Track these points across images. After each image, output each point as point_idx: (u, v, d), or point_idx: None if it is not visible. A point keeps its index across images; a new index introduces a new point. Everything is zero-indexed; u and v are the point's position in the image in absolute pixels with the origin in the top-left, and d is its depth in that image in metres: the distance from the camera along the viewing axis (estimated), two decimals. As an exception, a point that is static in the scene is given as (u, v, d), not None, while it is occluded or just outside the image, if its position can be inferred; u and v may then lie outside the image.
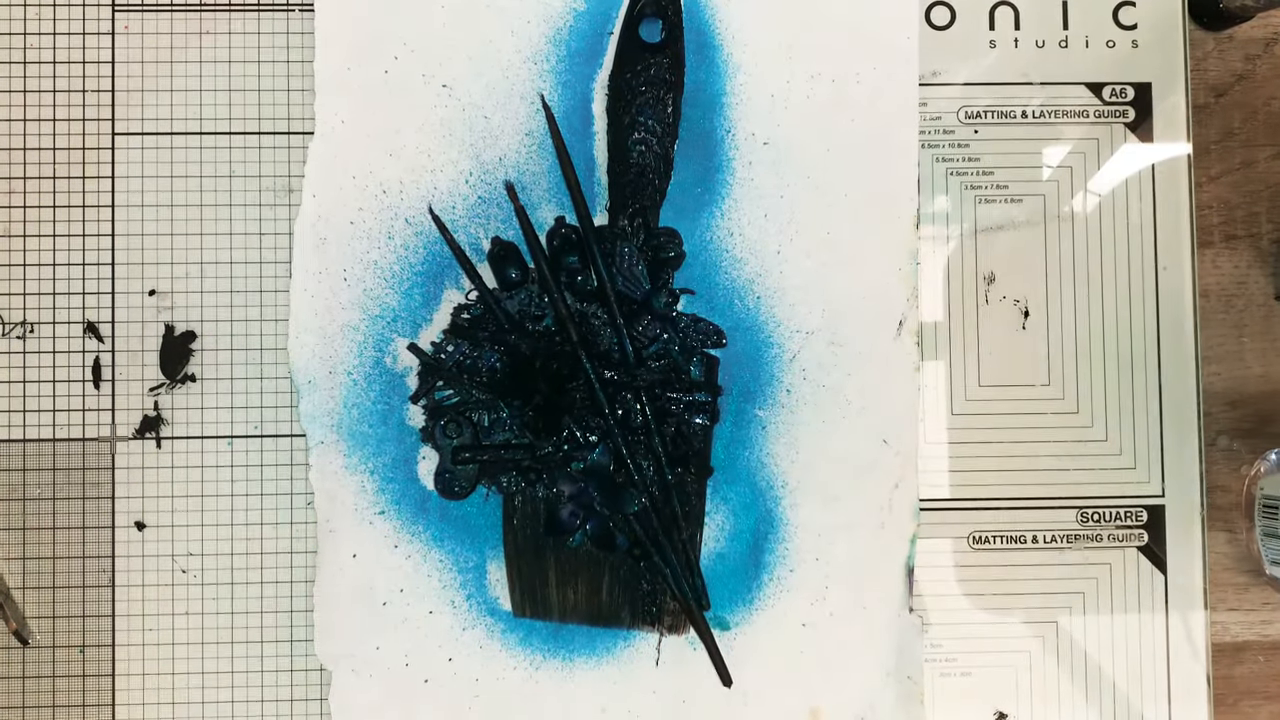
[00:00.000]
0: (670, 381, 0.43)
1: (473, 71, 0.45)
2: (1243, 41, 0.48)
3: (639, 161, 0.45)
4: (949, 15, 0.47)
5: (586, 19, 0.45)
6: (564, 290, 0.43)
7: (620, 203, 0.45)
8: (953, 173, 0.47)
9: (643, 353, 0.43)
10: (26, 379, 0.44)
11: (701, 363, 0.44)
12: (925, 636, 0.45)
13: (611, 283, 0.43)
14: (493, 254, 0.44)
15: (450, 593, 0.44)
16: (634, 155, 0.45)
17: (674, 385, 0.43)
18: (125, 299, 0.45)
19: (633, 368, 0.43)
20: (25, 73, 0.45)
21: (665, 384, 0.43)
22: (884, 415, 0.45)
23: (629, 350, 0.43)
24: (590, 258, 0.43)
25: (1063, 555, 0.46)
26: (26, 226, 0.45)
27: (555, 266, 0.43)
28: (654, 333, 0.43)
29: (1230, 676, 0.47)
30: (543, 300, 0.43)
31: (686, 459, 0.43)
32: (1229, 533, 0.47)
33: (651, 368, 0.43)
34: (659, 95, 0.45)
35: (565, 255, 0.43)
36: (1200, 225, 0.47)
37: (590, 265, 0.43)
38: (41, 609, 0.44)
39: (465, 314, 0.44)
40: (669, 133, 0.45)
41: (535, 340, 0.43)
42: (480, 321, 0.43)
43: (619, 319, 0.43)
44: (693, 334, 0.44)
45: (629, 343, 0.43)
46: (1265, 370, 0.47)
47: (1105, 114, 0.47)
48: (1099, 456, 0.46)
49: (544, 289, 0.43)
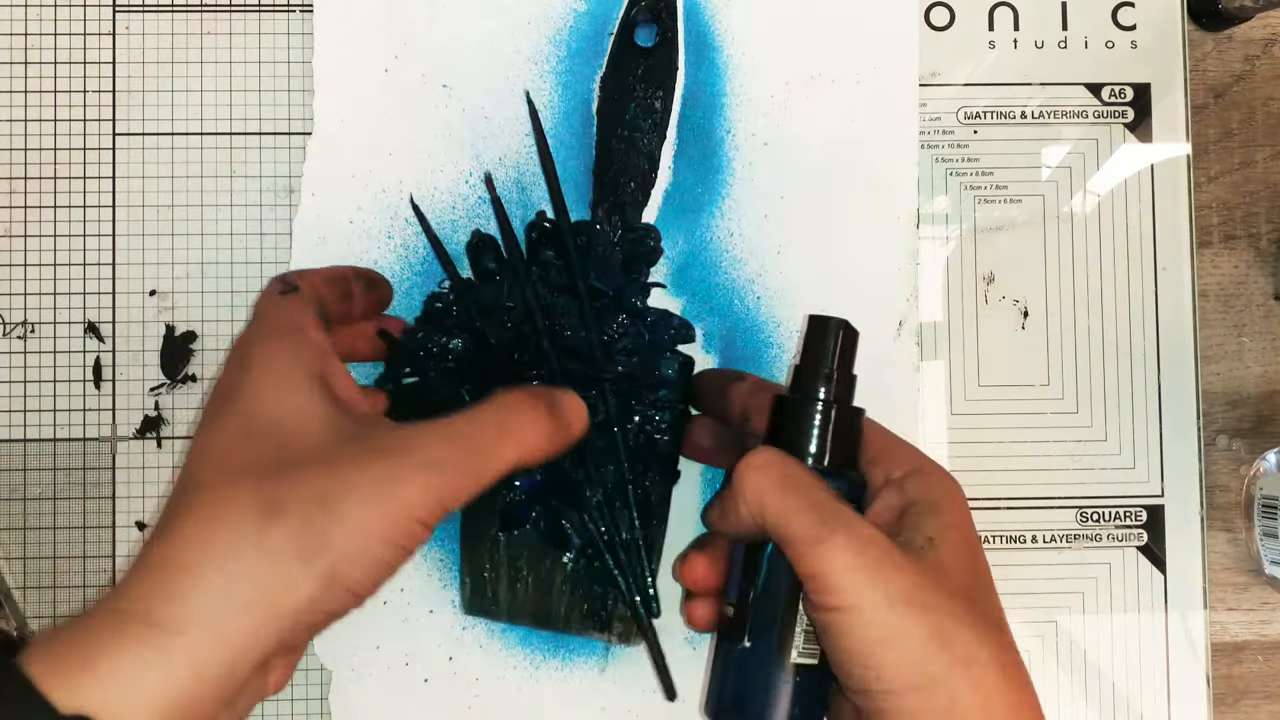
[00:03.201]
0: (638, 377, 0.42)
1: (473, 71, 0.45)
2: (1242, 42, 0.48)
3: (621, 161, 0.45)
4: (948, 16, 0.47)
5: (587, 19, 0.46)
6: (536, 282, 0.42)
7: (601, 198, 0.45)
8: (952, 173, 0.47)
9: (611, 347, 0.42)
10: (27, 379, 0.45)
11: (675, 361, 0.42)
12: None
13: (583, 276, 0.42)
14: (470, 245, 0.44)
15: (450, 592, 0.44)
16: (618, 153, 0.45)
17: (641, 381, 0.42)
18: (126, 299, 0.45)
19: (600, 361, 0.42)
20: (26, 73, 0.45)
21: (632, 379, 0.42)
22: (884, 415, 0.45)
23: (596, 342, 0.42)
24: (563, 250, 0.43)
25: (1062, 555, 0.46)
26: (27, 226, 0.45)
27: (532, 259, 0.43)
28: (624, 327, 0.43)
29: (1230, 676, 0.47)
30: (516, 292, 0.42)
31: (650, 459, 0.42)
32: (1228, 532, 0.47)
33: (620, 362, 0.42)
34: (648, 95, 0.45)
35: (543, 248, 0.43)
36: (1199, 225, 0.47)
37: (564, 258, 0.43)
38: (41, 609, 0.44)
39: (438, 302, 0.43)
40: (657, 131, 0.45)
41: (503, 329, 0.42)
42: (451, 309, 0.43)
43: (587, 310, 0.42)
44: (661, 328, 0.43)
45: (597, 335, 0.42)
46: (1264, 370, 0.47)
47: (1104, 114, 0.47)
48: (1098, 456, 0.46)
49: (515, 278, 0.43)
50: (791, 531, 0.32)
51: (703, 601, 0.38)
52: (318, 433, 0.32)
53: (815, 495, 0.33)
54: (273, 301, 0.36)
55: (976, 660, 0.31)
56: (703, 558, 0.37)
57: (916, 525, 0.34)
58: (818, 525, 0.32)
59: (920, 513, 0.34)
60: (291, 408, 0.32)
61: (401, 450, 0.32)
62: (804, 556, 0.32)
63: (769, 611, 0.34)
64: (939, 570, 0.32)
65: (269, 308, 0.36)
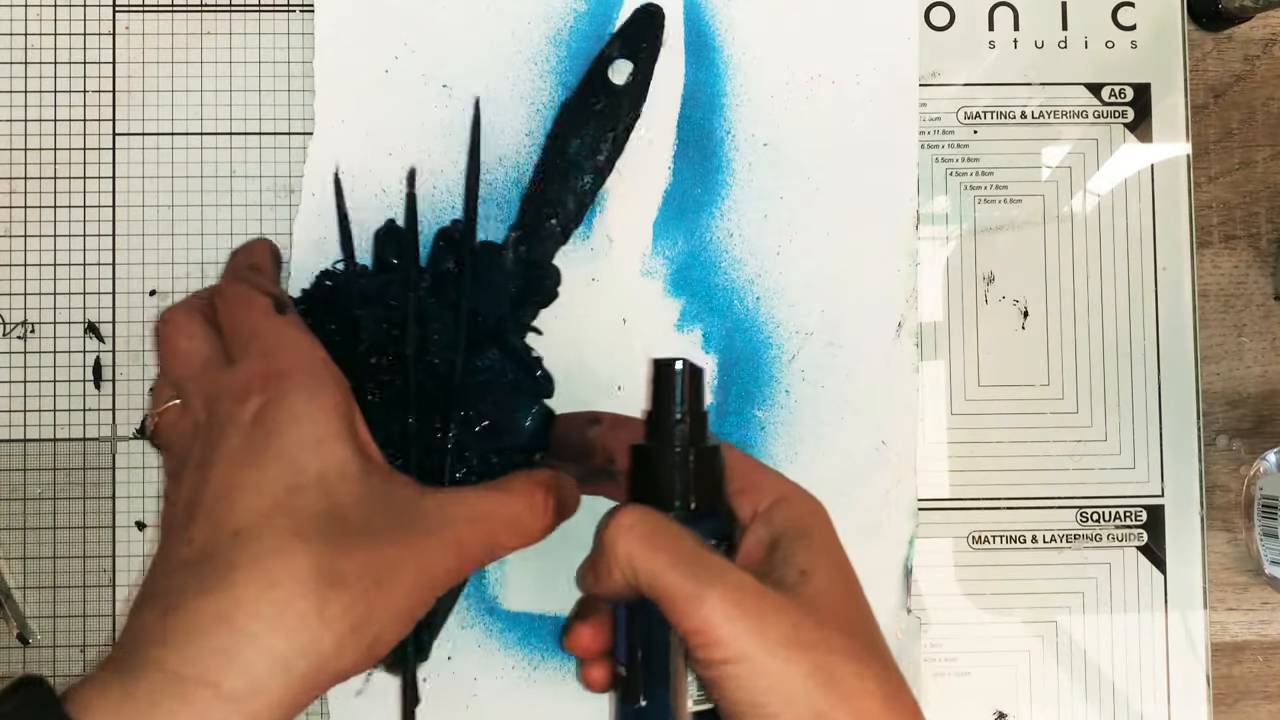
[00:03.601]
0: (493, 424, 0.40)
1: (473, 71, 0.45)
2: (1242, 42, 0.48)
3: (553, 194, 0.44)
4: (948, 16, 0.47)
5: (587, 19, 0.45)
6: (424, 289, 0.41)
7: (520, 224, 0.44)
8: (952, 173, 0.47)
9: (472, 378, 0.41)
10: (27, 379, 0.45)
11: (532, 411, 0.41)
12: (925, 636, 0.45)
13: (470, 297, 0.41)
14: (378, 232, 0.43)
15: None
16: (551, 186, 0.44)
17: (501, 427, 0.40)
18: (126, 299, 0.45)
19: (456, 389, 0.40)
20: (26, 73, 0.45)
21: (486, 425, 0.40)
22: (883, 416, 0.45)
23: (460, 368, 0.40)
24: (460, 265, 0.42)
25: (1062, 555, 0.46)
26: (27, 226, 0.45)
27: (432, 265, 0.42)
28: (492, 360, 0.41)
29: (1229, 676, 0.47)
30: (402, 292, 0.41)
31: None
32: (1228, 532, 0.47)
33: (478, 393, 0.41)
34: (597, 136, 0.44)
35: (446, 257, 0.42)
36: (1199, 225, 0.47)
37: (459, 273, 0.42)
38: (41, 609, 0.44)
39: (328, 280, 0.42)
40: (595, 175, 0.44)
41: (376, 326, 0.41)
42: (335, 291, 0.42)
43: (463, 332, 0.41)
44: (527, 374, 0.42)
45: (463, 360, 0.41)
46: (1264, 370, 0.47)
47: (1104, 114, 0.47)
48: (1098, 456, 0.46)
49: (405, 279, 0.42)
50: (665, 590, 0.32)
51: (596, 665, 0.37)
52: (358, 493, 0.32)
53: (684, 549, 0.32)
54: (276, 325, 0.36)
55: (861, 692, 0.31)
56: (586, 627, 0.37)
57: (787, 559, 0.34)
58: (690, 581, 0.31)
59: (789, 543, 0.34)
60: (333, 462, 0.32)
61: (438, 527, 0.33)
62: (682, 614, 0.31)
63: (659, 667, 0.34)
64: (814, 604, 0.32)
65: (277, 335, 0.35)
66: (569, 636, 0.37)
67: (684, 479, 0.35)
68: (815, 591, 0.33)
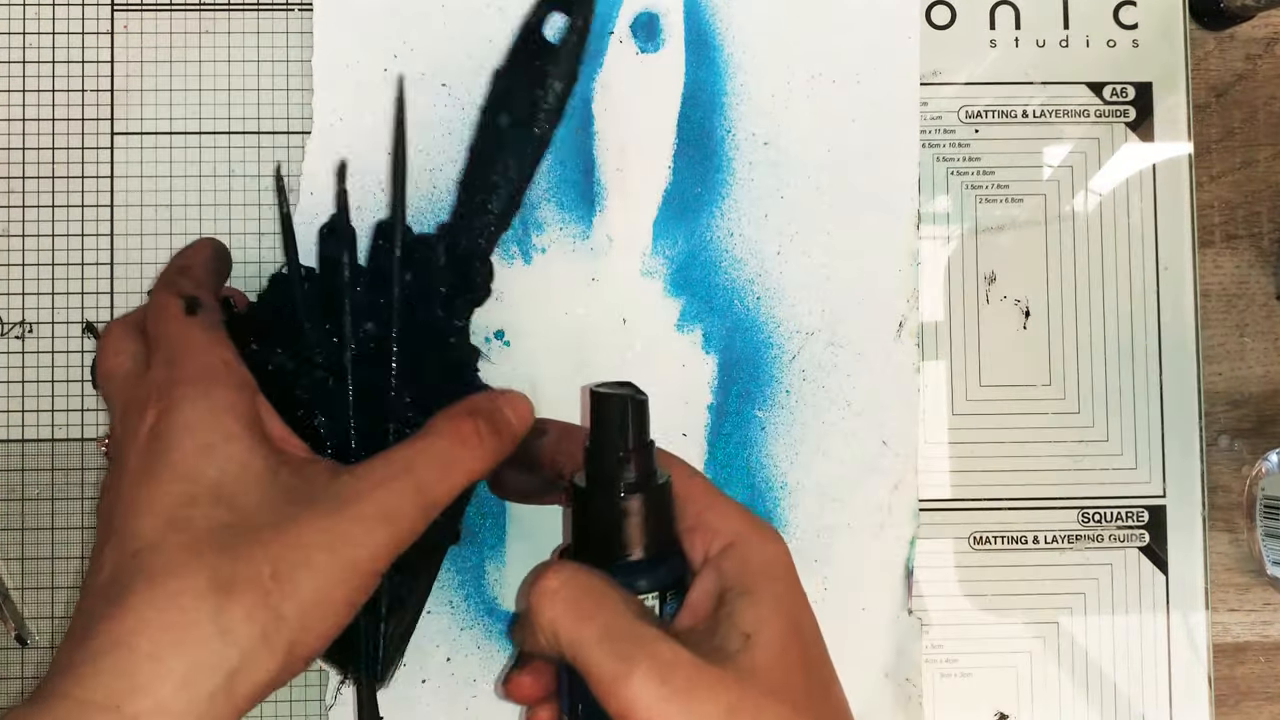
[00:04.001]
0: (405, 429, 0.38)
1: (472, 71, 0.45)
2: (1243, 41, 0.48)
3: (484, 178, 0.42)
4: (949, 15, 0.47)
5: (586, 18, 0.45)
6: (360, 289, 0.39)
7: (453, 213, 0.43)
8: (953, 172, 0.47)
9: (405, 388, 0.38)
10: (25, 379, 0.44)
11: None
12: (925, 637, 0.45)
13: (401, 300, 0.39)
14: (323, 227, 0.42)
15: (448, 592, 0.44)
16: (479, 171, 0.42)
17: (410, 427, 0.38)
18: (125, 299, 0.45)
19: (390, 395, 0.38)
20: (24, 72, 0.45)
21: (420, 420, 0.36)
22: (884, 416, 0.45)
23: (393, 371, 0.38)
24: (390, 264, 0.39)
25: (1064, 555, 0.46)
26: (25, 226, 0.45)
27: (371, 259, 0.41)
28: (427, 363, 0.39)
29: (1231, 677, 0.46)
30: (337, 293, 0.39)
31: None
32: (1230, 533, 0.47)
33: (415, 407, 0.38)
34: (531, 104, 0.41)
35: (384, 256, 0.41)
36: (1201, 225, 0.47)
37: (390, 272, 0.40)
38: (41, 609, 0.44)
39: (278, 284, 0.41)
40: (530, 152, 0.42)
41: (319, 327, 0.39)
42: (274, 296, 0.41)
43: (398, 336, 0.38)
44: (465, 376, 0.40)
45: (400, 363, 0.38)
46: (1266, 370, 0.47)
47: (1106, 113, 0.47)
48: (1100, 456, 0.46)
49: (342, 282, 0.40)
50: (590, 667, 0.29)
51: (541, 709, 0.36)
52: (262, 491, 0.31)
53: (613, 619, 0.30)
54: (181, 328, 0.34)
55: None
56: (525, 676, 0.35)
57: (731, 618, 0.31)
58: (616, 659, 0.29)
59: (735, 599, 0.31)
60: (232, 465, 0.31)
61: (349, 501, 0.31)
62: (607, 693, 0.29)
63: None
64: (756, 676, 0.30)
65: (180, 339, 0.34)
66: (508, 685, 0.36)
67: (628, 526, 0.32)
68: (759, 660, 0.30)
